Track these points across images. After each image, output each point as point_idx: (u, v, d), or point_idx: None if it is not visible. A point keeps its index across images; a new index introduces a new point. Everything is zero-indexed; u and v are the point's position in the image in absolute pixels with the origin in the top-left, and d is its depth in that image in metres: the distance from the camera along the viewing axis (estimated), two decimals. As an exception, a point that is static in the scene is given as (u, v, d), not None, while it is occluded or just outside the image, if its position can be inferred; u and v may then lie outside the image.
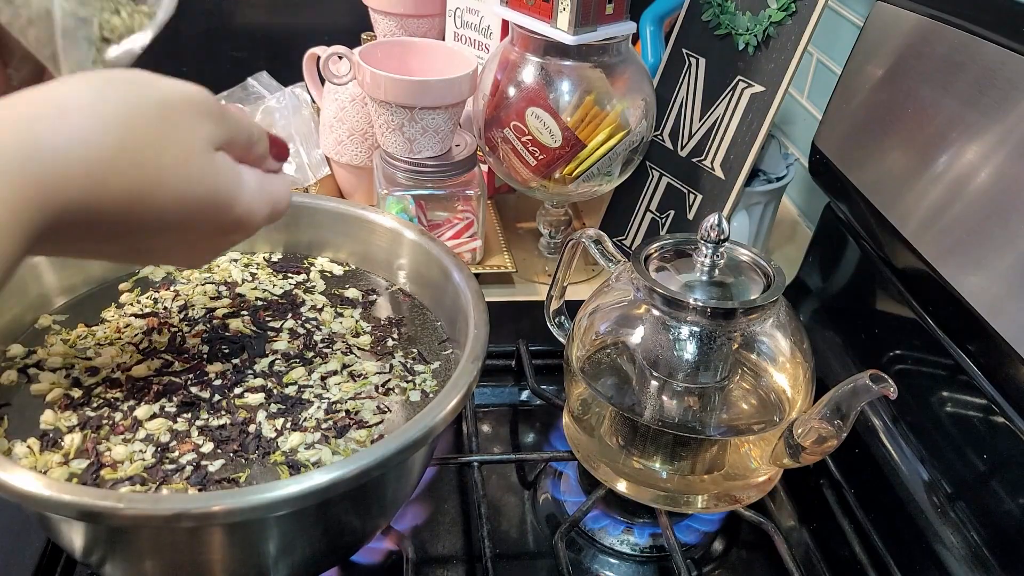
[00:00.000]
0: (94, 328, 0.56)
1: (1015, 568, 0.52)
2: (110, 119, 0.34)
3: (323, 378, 0.54)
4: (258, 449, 0.48)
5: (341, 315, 0.60)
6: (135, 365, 0.53)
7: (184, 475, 0.46)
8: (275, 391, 0.52)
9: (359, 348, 0.57)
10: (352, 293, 0.63)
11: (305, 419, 0.50)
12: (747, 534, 0.63)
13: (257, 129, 0.42)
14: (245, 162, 0.41)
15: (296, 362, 0.55)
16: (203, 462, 0.46)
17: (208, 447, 0.48)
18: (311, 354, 0.56)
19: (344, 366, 0.55)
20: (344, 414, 0.51)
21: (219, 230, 0.40)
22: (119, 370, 0.53)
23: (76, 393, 0.51)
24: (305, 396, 0.52)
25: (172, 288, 0.61)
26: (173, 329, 0.57)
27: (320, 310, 0.61)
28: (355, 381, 0.54)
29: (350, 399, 0.52)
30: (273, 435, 0.49)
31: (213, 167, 0.38)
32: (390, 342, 0.58)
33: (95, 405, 0.50)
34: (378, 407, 0.52)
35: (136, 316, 0.58)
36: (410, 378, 0.55)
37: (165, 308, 0.59)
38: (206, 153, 0.38)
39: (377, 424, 0.51)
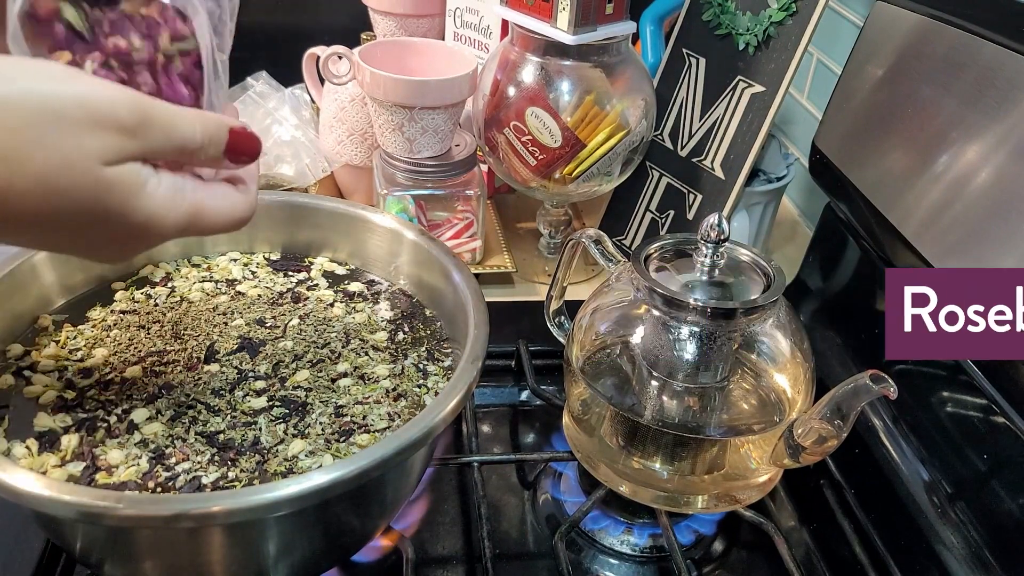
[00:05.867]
0: (81, 327, 0.56)
1: (1015, 568, 0.52)
2: None
3: (332, 380, 0.54)
4: (256, 456, 0.47)
5: (355, 309, 0.60)
6: (130, 366, 0.53)
7: (177, 485, 0.45)
8: (278, 394, 0.52)
9: (374, 347, 0.57)
10: (356, 287, 0.63)
11: (309, 424, 0.50)
12: (747, 534, 0.63)
13: (200, 135, 0.38)
14: (178, 168, 0.39)
15: (303, 363, 0.55)
16: (198, 472, 0.46)
17: (205, 455, 0.47)
18: (321, 353, 0.56)
19: (355, 368, 0.55)
20: (349, 419, 0.51)
21: (115, 237, 0.38)
22: (113, 371, 0.53)
23: (69, 395, 0.51)
24: (311, 399, 0.52)
25: (168, 285, 0.61)
26: (168, 328, 0.57)
27: (331, 305, 0.61)
28: (365, 384, 0.54)
29: (358, 403, 0.52)
30: (274, 442, 0.49)
31: (96, 181, 0.35)
32: (401, 335, 0.58)
33: (88, 407, 0.50)
34: (388, 413, 0.52)
35: (125, 313, 0.58)
36: (422, 381, 0.55)
37: (157, 305, 0.59)
38: (89, 168, 0.34)
39: (385, 430, 0.50)
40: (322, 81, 0.88)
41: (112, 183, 0.35)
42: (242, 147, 0.40)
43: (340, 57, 0.82)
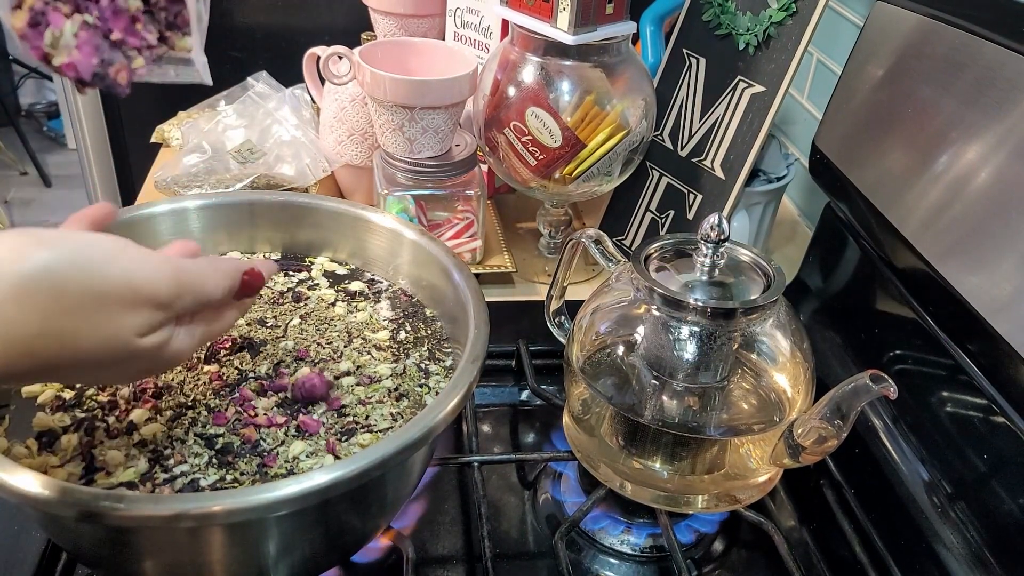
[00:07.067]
0: None
1: (1015, 568, 0.52)
2: (30, 308, 0.35)
3: (336, 378, 0.54)
4: (256, 458, 0.47)
5: (356, 308, 0.60)
6: None
7: (176, 487, 0.45)
8: (279, 393, 0.52)
9: (376, 347, 0.57)
10: (357, 286, 0.63)
11: (311, 425, 0.50)
12: (747, 534, 0.63)
13: (222, 290, 0.43)
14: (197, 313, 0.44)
15: (304, 362, 0.55)
16: (196, 474, 0.46)
17: (203, 457, 0.47)
18: (323, 353, 0.56)
19: (358, 367, 0.55)
20: (352, 419, 0.51)
21: (137, 374, 0.45)
22: None
23: (68, 394, 0.51)
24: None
25: None
26: None
27: (332, 304, 0.60)
28: (368, 384, 0.54)
29: (360, 403, 0.52)
30: (274, 444, 0.49)
31: (131, 350, 0.39)
32: (403, 335, 0.58)
33: (87, 407, 0.50)
34: (391, 414, 0.52)
35: None
36: (423, 380, 0.55)
37: None
38: (128, 341, 0.38)
39: (387, 430, 0.50)
40: (322, 81, 0.88)
41: (144, 349, 0.39)
42: (248, 289, 0.45)
43: (340, 57, 0.82)
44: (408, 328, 0.59)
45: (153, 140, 1.05)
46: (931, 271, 0.59)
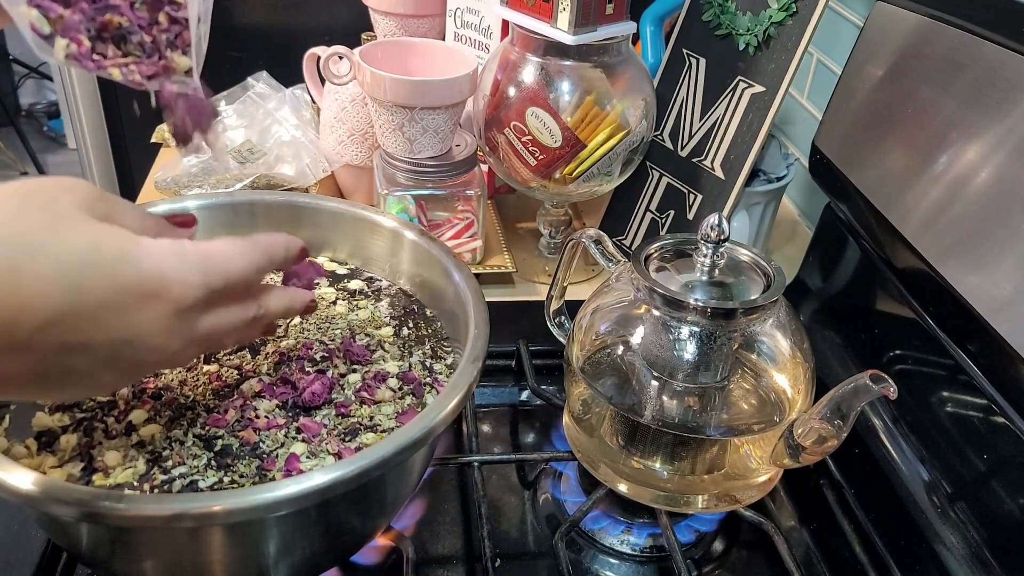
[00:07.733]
0: None
1: (1015, 568, 0.52)
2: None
3: (342, 375, 0.54)
4: (255, 460, 0.47)
5: (357, 306, 0.60)
6: None
7: (174, 489, 0.45)
8: (281, 393, 0.52)
9: (381, 343, 0.57)
10: (357, 284, 0.63)
11: (313, 428, 0.50)
12: (747, 534, 0.63)
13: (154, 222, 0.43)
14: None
15: (306, 362, 0.54)
16: (195, 476, 0.46)
17: (202, 459, 0.47)
18: (325, 350, 0.56)
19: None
20: (356, 419, 0.51)
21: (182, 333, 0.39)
22: None
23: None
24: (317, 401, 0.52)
25: None
26: None
27: (333, 303, 0.60)
28: (374, 382, 0.54)
29: (364, 403, 0.52)
30: (274, 446, 0.48)
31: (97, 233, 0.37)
32: (405, 331, 0.58)
33: (86, 407, 0.50)
34: (396, 412, 0.52)
35: None
36: (428, 378, 0.55)
37: None
38: (87, 222, 0.36)
39: (393, 430, 0.50)
40: (323, 81, 0.88)
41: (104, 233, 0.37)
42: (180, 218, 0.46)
43: (341, 57, 0.82)
44: (410, 325, 0.59)
45: (153, 140, 1.05)
46: (931, 271, 0.59)
